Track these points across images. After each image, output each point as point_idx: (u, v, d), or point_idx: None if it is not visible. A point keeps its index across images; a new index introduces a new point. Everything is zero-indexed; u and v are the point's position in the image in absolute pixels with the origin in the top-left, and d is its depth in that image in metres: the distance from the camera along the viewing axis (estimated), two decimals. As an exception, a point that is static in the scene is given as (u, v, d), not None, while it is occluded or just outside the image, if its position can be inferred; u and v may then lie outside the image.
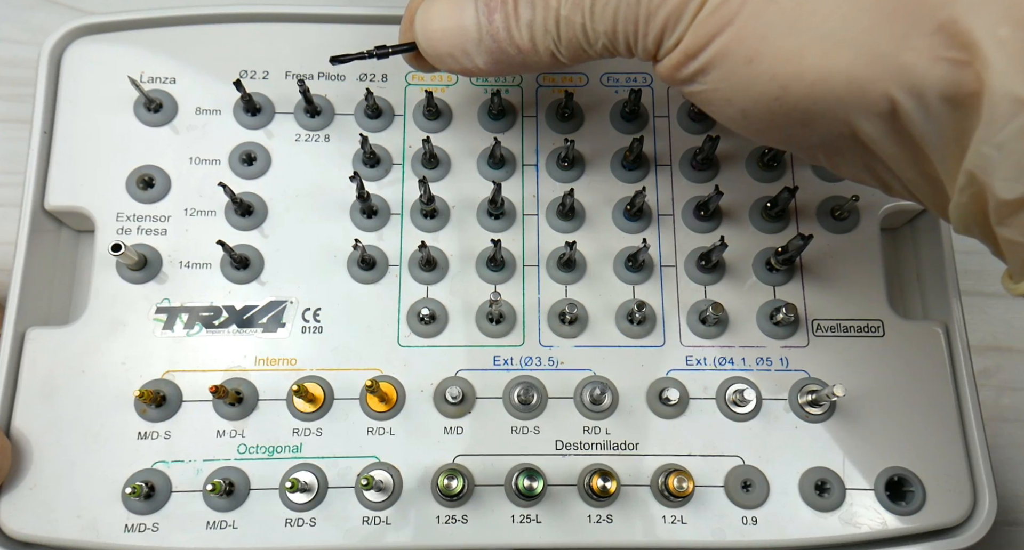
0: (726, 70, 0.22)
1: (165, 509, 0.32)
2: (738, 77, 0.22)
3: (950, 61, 0.19)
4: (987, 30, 0.18)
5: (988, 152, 0.19)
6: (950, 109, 0.19)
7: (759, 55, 0.21)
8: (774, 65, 0.21)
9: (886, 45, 0.19)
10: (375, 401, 0.33)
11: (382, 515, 0.32)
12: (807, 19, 0.20)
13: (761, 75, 0.21)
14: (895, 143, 0.21)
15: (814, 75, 0.20)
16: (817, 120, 0.22)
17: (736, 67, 0.22)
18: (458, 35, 0.27)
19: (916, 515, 0.32)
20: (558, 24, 0.25)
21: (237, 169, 0.36)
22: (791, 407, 0.34)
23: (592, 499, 0.32)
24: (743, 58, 0.21)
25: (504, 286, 0.35)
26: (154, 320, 0.34)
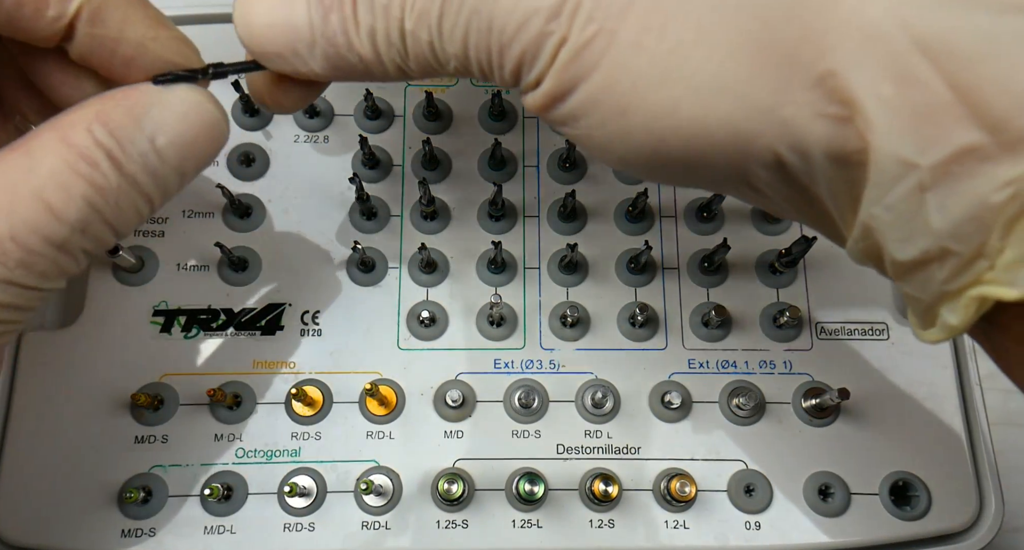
0: (597, 119, 0.20)
1: (162, 514, 0.31)
2: (612, 127, 0.20)
3: (831, 117, 0.17)
4: (869, 87, 0.16)
5: (878, 213, 0.18)
6: (836, 166, 0.18)
7: (631, 107, 0.19)
8: (648, 118, 0.19)
9: (765, 98, 0.18)
10: (374, 405, 0.33)
11: (381, 520, 0.32)
12: (679, 69, 0.18)
13: (636, 127, 0.19)
14: (787, 189, 0.20)
15: (691, 129, 0.19)
16: (701, 170, 0.20)
17: (608, 117, 0.20)
18: (287, 34, 0.22)
19: (921, 520, 0.32)
20: (403, 37, 0.21)
21: (235, 170, 0.35)
22: (795, 411, 0.33)
23: (594, 503, 0.32)
24: (615, 109, 0.19)
25: (505, 288, 0.35)
26: (151, 323, 0.34)
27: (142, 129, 0.23)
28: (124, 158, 0.22)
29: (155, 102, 0.23)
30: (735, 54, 0.18)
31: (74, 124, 0.22)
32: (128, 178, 0.22)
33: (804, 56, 0.17)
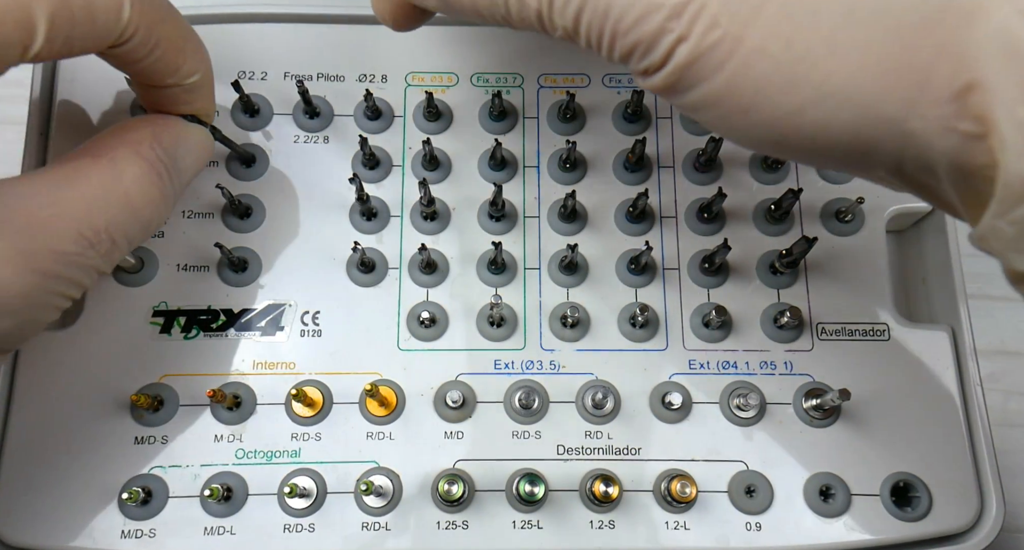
0: (718, 113, 0.20)
1: (162, 515, 0.31)
2: (734, 122, 0.20)
3: (963, 133, 0.17)
4: (1008, 106, 0.16)
5: (1001, 226, 0.18)
6: (961, 177, 0.18)
7: (754, 107, 0.19)
8: (772, 118, 0.19)
9: (894, 110, 0.18)
10: (374, 405, 0.32)
11: (381, 521, 0.32)
12: (806, 77, 0.18)
13: (759, 124, 0.20)
14: (909, 186, 0.21)
15: (815, 131, 0.19)
16: (823, 162, 0.21)
17: (730, 113, 0.20)
18: None
19: (922, 521, 0.32)
20: (507, 3, 0.22)
21: (235, 171, 0.35)
22: (795, 411, 0.33)
23: (594, 504, 0.32)
24: (737, 107, 0.20)
25: (505, 289, 0.35)
26: (151, 323, 0.33)
27: (179, 151, 0.29)
28: (174, 171, 0.29)
29: (187, 133, 0.30)
30: (866, 65, 0.18)
31: (141, 141, 0.28)
32: (176, 187, 0.29)
33: (941, 70, 0.17)
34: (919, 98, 0.17)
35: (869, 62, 0.18)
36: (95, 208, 0.26)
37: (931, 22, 0.17)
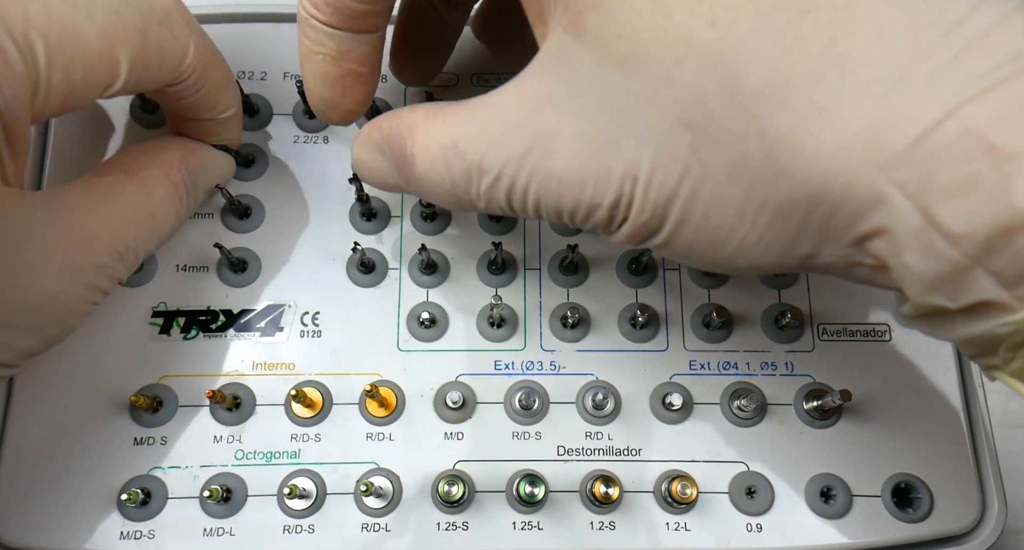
0: (674, 258, 0.25)
1: (161, 516, 0.31)
2: (684, 261, 0.25)
3: (866, 266, 0.21)
4: (896, 255, 0.20)
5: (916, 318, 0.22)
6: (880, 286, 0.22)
7: (693, 255, 0.23)
8: (710, 263, 0.24)
9: (806, 251, 0.21)
10: (374, 406, 0.32)
11: (381, 522, 0.32)
12: (728, 238, 0.22)
13: (703, 264, 0.24)
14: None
15: (748, 268, 0.23)
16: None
17: (678, 257, 0.24)
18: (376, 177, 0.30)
19: (923, 522, 0.32)
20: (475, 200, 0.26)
21: (235, 171, 0.35)
22: (796, 412, 0.33)
23: (594, 505, 0.32)
24: (681, 254, 0.24)
25: (505, 289, 0.34)
26: (150, 324, 0.33)
27: (202, 176, 0.32)
28: (194, 194, 0.32)
29: (213, 160, 0.33)
30: (775, 227, 0.21)
31: (171, 164, 0.31)
32: (192, 208, 0.32)
33: (837, 226, 0.20)
34: (825, 245, 0.21)
35: (777, 224, 0.21)
36: (128, 225, 0.29)
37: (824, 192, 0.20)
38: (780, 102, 0.19)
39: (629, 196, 0.23)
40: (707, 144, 0.21)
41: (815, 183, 0.20)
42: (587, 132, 0.23)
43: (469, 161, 0.25)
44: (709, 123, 0.20)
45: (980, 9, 0.18)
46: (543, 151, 0.23)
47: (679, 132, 0.21)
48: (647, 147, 0.22)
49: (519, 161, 0.24)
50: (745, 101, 0.20)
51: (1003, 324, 0.19)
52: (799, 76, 0.19)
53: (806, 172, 0.20)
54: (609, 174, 0.23)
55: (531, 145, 0.24)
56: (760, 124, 0.20)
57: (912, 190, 0.18)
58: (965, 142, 0.18)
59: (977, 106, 0.18)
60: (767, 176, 0.20)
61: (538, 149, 0.23)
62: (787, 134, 0.19)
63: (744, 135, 0.20)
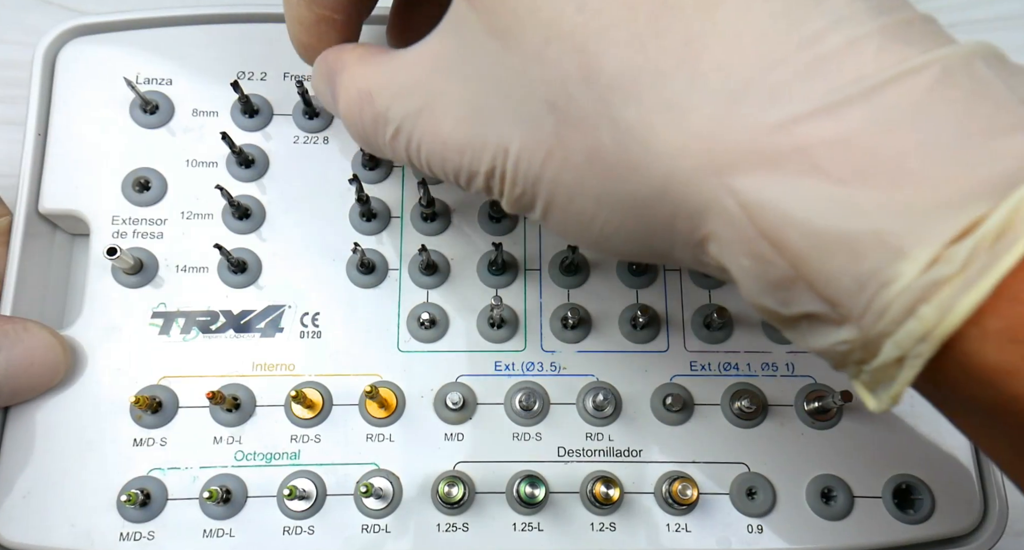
0: (547, 229, 0.26)
1: (161, 517, 0.31)
2: (560, 235, 0.25)
3: (711, 268, 0.22)
4: (732, 258, 0.20)
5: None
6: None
7: (568, 235, 0.24)
8: (582, 243, 0.24)
9: (661, 248, 0.22)
10: (374, 407, 0.32)
11: (381, 523, 0.31)
12: (588, 226, 0.23)
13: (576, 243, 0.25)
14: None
15: (618, 254, 0.25)
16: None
17: (555, 232, 0.25)
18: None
19: (925, 523, 0.32)
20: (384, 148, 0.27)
21: (235, 172, 0.35)
22: (797, 413, 0.33)
23: (595, 507, 0.31)
24: (556, 232, 0.24)
25: (506, 290, 0.34)
26: (150, 325, 0.33)
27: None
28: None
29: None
30: (629, 220, 0.22)
31: None
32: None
33: (680, 226, 0.21)
34: (674, 244, 0.21)
35: (631, 218, 0.22)
36: None
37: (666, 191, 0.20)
38: (632, 94, 0.19)
39: (501, 169, 0.23)
40: (568, 128, 0.21)
41: (659, 181, 0.20)
42: (469, 100, 0.23)
43: (377, 110, 0.26)
44: (570, 107, 0.20)
45: (836, 27, 0.18)
46: (431, 112, 0.24)
47: (544, 113, 0.21)
48: (517, 124, 0.22)
49: (414, 119, 0.25)
50: (602, 89, 0.20)
51: (839, 342, 0.19)
52: (652, 71, 0.19)
53: (652, 169, 0.20)
54: (484, 144, 0.23)
55: (422, 105, 0.24)
56: (612, 114, 0.20)
57: (743, 199, 0.19)
58: (795, 158, 0.18)
59: (811, 125, 0.18)
60: (618, 168, 0.20)
61: (427, 110, 0.24)
62: (636, 128, 0.19)
63: (599, 123, 0.20)
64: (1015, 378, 0.17)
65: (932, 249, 0.17)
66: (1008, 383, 0.17)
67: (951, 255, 0.17)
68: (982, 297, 0.16)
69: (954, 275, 0.17)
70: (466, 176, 0.24)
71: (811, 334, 0.20)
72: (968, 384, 0.18)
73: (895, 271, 0.17)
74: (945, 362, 0.18)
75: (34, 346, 0.31)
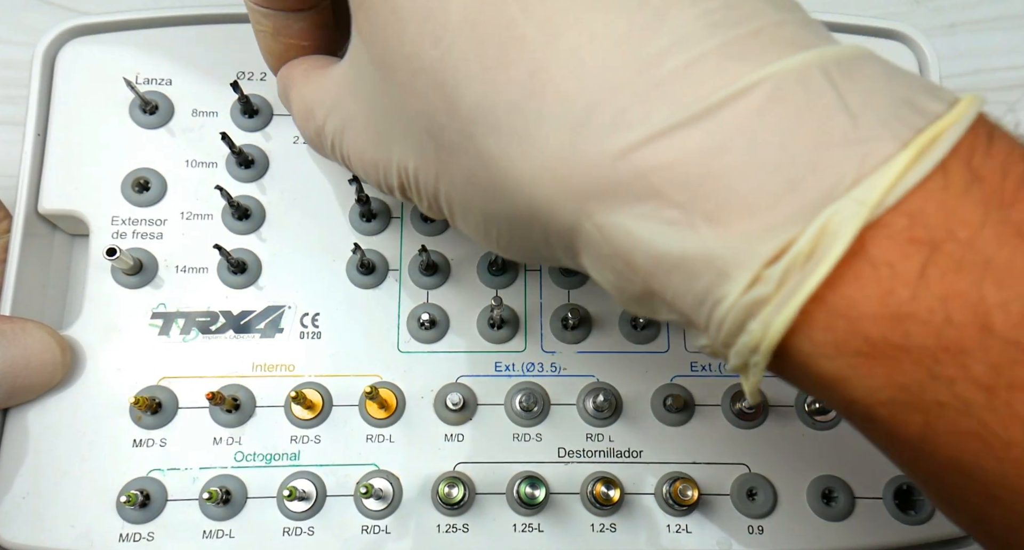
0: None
1: (161, 518, 0.31)
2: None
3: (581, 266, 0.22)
4: (601, 274, 0.21)
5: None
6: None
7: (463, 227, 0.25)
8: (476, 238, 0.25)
9: (552, 256, 0.22)
10: (374, 408, 0.32)
11: (381, 524, 0.31)
12: (487, 238, 0.24)
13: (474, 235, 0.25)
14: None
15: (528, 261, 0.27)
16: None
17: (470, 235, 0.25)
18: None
19: (926, 524, 0.32)
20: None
21: (234, 172, 0.35)
22: (798, 414, 0.33)
23: (595, 507, 0.31)
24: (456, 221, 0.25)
25: (506, 291, 0.34)
26: (149, 325, 0.33)
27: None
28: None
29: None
30: (516, 233, 0.22)
31: None
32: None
33: (555, 242, 0.21)
34: (561, 256, 0.22)
35: (511, 239, 0.23)
36: None
37: (530, 224, 0.21)
38: (490, 126, 0.20)
39: (407, 183, 0.25)
40: (446, 154, 0.22)
41: (524, 205, 0.20)
42: (372, 122, 0.25)
43: (317, 124, 0.27)
44: (442, 136, 0.21)
45: (677, 48, 0.18)
46: (351, 130, 0.26)
47: (426, 139, 0.22)
48: (409, 147, 0.23)
49: (340, 135, 0.26)
50: (463, 122, 0.20)
51: (704, 346, 0.20)
52: (503, 103, 0.19)
53: (517, 194, 0.20)
54: (388, 162, 0.25)
55: (342, 124, 0.26)
56: (475, 145, 0.20)
57: (597, 222, 0.19)
58: (636, 184, 0.18)
59: (649, 149, 0.18)
60: (491, 191, 0.21)
61: (348, 128, 0.26)
62: (497, 157, 0.20)
63: (467, 151, 0.21)
64: (846, 386, 0.18)
65: (751, 271, 0.17)
66: (841, 390, 0.18)
67: (767, 276, 0.17)
68: (794, 313, 0.17)
69: (771, 294, 0.17)
70: (386, 187, 0.26)
71: (687, 335, 0.21)
72: (813, 389, 0.19)
73: (723, 291, 0.18)
74: (787, 369, 0.19)
75: (31, 346, 0.31)
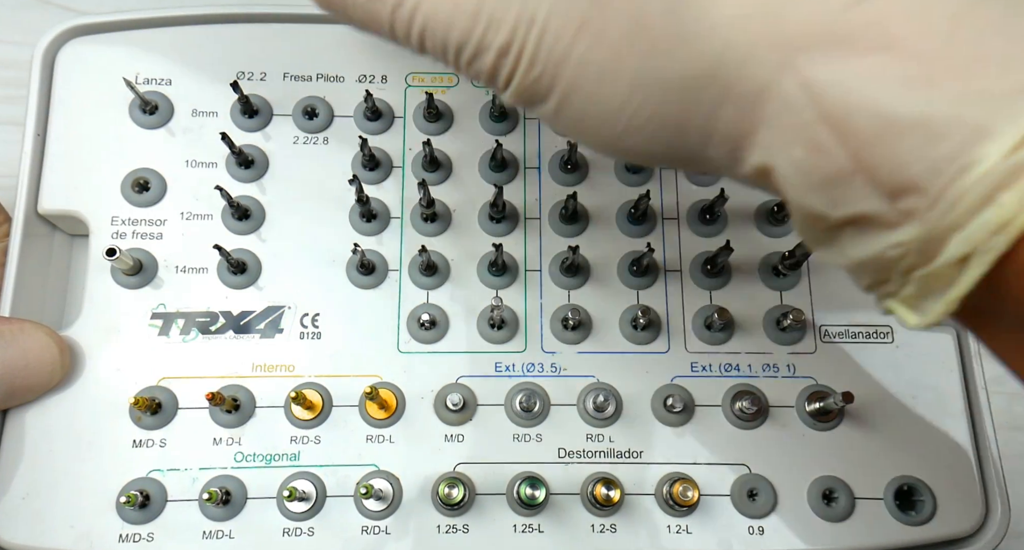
0: (562, 129, 0.23)
1: (160, 519, 0.31)
2: (574, 136, 0.23)
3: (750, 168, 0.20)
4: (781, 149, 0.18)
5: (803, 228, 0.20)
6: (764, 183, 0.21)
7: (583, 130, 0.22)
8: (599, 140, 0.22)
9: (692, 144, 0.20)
10: (374, 408, 0.32)
11: (381, 524, 0.31)
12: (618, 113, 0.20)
13: (593, 142, 0.22)
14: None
15: (637, 154, 0.22)
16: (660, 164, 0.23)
17: (569, 130, 0.22)
18: None
19: (926, 525, 0.32)
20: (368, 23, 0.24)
21: (234, 172, 0.35)
22: (798, 414, 0.33)
23: (595, 508, 0.31)
24: (572, 127, 0.22)
25: (506, 291, 0.34)
26: (149, 326, 0.33)
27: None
28: None
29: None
30: (666, 106, 0.20)
31: None
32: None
33: (726, 115, 0.19)
34: (710, 137, 0.19)
35: (667, 105, 0.20)
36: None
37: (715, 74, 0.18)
38: None
39: (521, 43, 0.21)
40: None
41: (712, 57, 0.18)
42: None
43: None
44: None
45: None
46: None
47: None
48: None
49: None
50: None
51: (892, 246, 0.17)
52: None
53: (705, 43, 0.18)
54: (505, 11, 0.21)
55: None
56: None
57: (807, 78, 0.17)
58: (869, 33, 0.17)
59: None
60: (665, 42, 0.18)
61: None
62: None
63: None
64: None
65: (1020, 129, 0.15)
66: None
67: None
68: None
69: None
70: (472, 51, 0.21)
71: (856, 242, 0.18)
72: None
73: (977, 154, 0.15)
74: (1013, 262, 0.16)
75: (30, 346, 0.31)
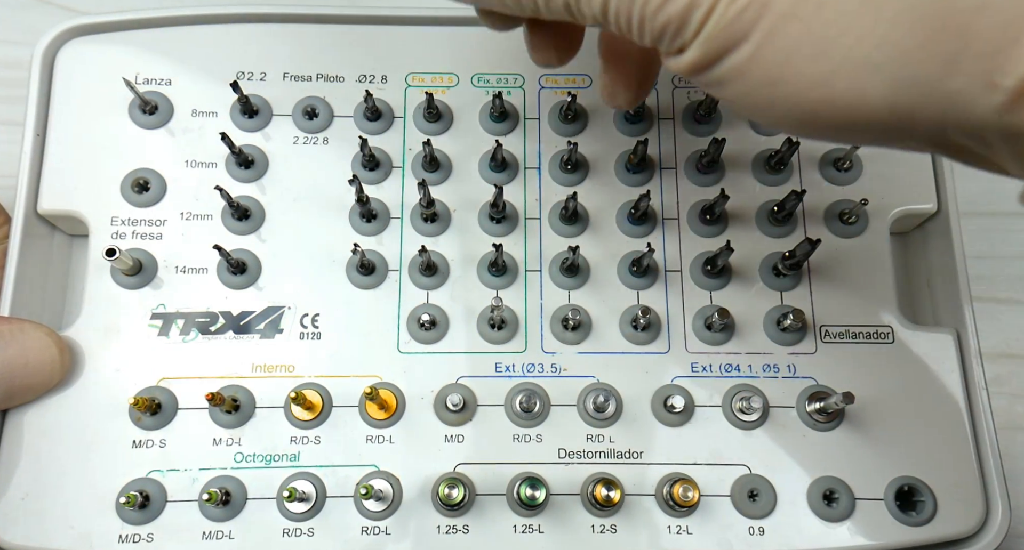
0: (744, 88, 0.19)
1: (160, 519, 0.31)
2: (759, 96, 0.19)
3: (1009, 90, 0.16)
4: None
5: None
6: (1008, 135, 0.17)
7: (782, 79, 0.18)
8: (799, 90, 0.18)
9: (931, 69, 0.17)
10: (374, 409, 0.32)
11: (381, 525, 0.31)
12: (838, 40, 0.17)
13: (786, 98, 0.19)
14: (948, 152, 0.19)
15: (846, 102, 0.18)
16: (853, 137, 0.20)
17: (756, 87, 0.19)
18: None
19: (927, 526, 0.32)
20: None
21: (234, 172, 0.35)
22: (799, 415, 0.33)
23: (596, 509, 0.31)
24: (764, 79, 0.19)
25: (506, 291, 0.34)
26: (149, 326, 0.33)
27: None
28: None
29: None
30: (901, 21, 0.16)
31: None
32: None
33: (983, 22, 0.16)
34: (960, 54, 0.16)
35: (906, 17, 0.16)
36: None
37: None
38: None
39: None
40: None
41: None
42: None
43: None
44: None
45: None
46: None
47: None
48: None
49: None
50: None
51: None
52: None
53: None
54: None
55: None
56: None
57: None
58: None
59: None
60: None
61: None
62: None
63: None
64: None
65: None
66: None
67: None
68: None
69: None
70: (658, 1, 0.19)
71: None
72: None
73: None
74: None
75: (29, 346, 0.31)
